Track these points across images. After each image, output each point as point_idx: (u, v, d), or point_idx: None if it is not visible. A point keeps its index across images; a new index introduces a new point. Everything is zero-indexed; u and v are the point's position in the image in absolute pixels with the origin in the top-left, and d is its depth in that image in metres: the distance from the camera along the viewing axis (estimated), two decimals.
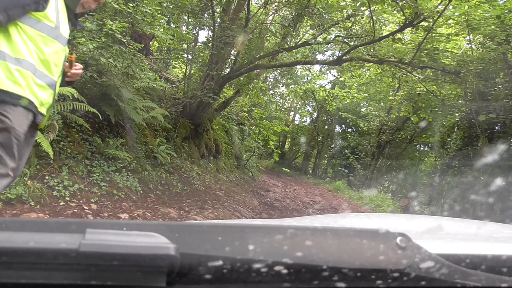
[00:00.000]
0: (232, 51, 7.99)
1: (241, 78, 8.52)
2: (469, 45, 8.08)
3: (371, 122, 18.81)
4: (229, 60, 8.34)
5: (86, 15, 5.74)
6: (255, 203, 7.79)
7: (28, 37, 1.84)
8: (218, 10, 7.86)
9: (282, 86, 19.23)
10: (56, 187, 3.99)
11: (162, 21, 7.11)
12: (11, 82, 1.79)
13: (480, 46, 8.52)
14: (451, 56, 7.78)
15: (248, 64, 7.92)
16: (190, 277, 0.46)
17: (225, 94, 10.03)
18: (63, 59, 2.04)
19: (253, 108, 12.63)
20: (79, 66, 2.14)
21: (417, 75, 8.65)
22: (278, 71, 14.37)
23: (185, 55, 9.42)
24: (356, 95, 15.59)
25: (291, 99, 22.07)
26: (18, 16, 1.81)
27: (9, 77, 1.78)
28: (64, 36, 2.01)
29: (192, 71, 8.32)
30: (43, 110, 1.95)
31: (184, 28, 9.50)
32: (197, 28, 9.04)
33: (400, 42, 7.44)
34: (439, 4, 6.56)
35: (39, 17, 1.86)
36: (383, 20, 9.20)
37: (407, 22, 6.53)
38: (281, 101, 22.87)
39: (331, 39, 8.68)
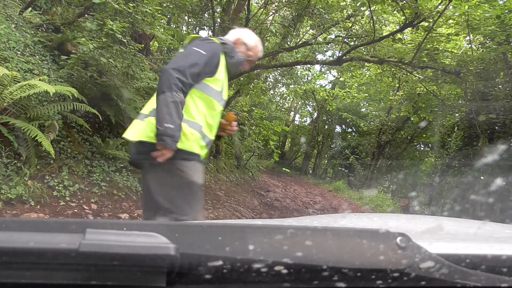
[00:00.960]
0: None
1: (241, 78, 8.51)
2: (469, 45, 8.08)
3: (371, 122, 18.80)
4: None
5: (86, 15, 5.75)
6: (255, 203, 7.79)
7: (199, 100, 1.93)
8: (218, 10, 7.87)
9: (282, 86, 19.24)
10: (56, 187, 3.99)
11: (162, 21, 7.10)
12: (186, 140, 1.88)
13: (480, 46, 8.52)
14: (451, 56, 7.78)
15: None
16: (190, 277, 0.46)
17: None
18: (219, 119, 2.12)
19: (253, 108, 12.63)
20: (235, 124, 2.25)
21: (417, 75, 8.65)
22: (278, 71, 14.38)
23: None
24: (356, 95, 15.59)
25: (291, 99, 22.08)
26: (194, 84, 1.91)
27: (186, 137, 1.88)
28: (224, 99, 2.09)
29: None
30: None
31: (184, 28, 9.50)
32: (198, 28, 9.04)
33: (400, 42, 7.44)
34: (439, 4, 6.56)
35: (209, 82, 1.95)
36: (383, 20, 9.21)
37: (407, 22, 6.52)
38: (281, 101, 22.88)
39: (331, 39, 8.68)
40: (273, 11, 9.78)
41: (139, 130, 1.92)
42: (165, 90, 1.78)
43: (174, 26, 9.04)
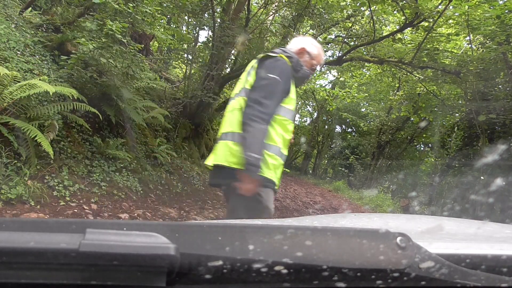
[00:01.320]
0: (233, 51, 7.99)
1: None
2: (469, 45, 8.08)
3: (371, 122, 18.80)
4: (230, 60, 8.34)
5: (86, 15, 5.75)
6: None
7: (276, 123, 1.95)
8: (218, 10, 7.86)
9: None
10: (56, 187, 3.99)
11: (162, 21, 7.11)
12: (266, 168, 1.91)
13: (480, 46, 8.52)
14: (451, 56, 7.78)
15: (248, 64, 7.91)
16: (190, 277, 0.46)
17: (225, 94, 10.03)
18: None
19: None
20: (292, 136, 2.23)
21: (417, 75, 8.66)
22: None
23: (185, 55, 9.43)
24: (356, 95, 15.58)
25: None
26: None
27: (267, 165, 1.91)
28: (295, 114, 2.10)
29: (192, 71, 8.32)
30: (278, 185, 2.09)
31: (184, 28, 9.50)
32: (197, 28, 9.04)
33: (400, 42, 7.44)
34: (439, 4, 6.56)
35: (284, 103, 1.96)
36: (383, 20, 9.21)
37: (407, 22, 6.53)
38: None
39: (331, 39, 8.68)
40: (273, 11, 9.78)
41: (217, 153, 1.98)
42: (249, 122, 1.83)
43: (174, 26, 9.04)
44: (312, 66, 2.16)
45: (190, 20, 8.62)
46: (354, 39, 8.09)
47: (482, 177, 8.73)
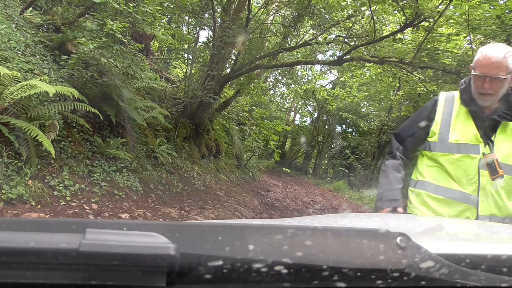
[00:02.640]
0: (233, 51, 7.99)
1: (242, 78, 8.52)
2: (470, 45, 8.07)
3: (372, 122, 18.79)
4: (230, 60, 8.34)
5: (87, 15, 5.75)
6: (255, 203, 7.79)
7: (426, 159, 2.04)
8: (218, 10, 7.86)
9: (283, 86, 19.24)
10: (57, 187, 4.00)
11: (162, 21, 7.11)
12: (410, 204, 2.09)
13: (480, 46, 8.50)
14: (452, 56, 7.77)
15: (248, 64, 7.92)
16: (190, 277, 0.46)
17: (225, 94, 10.03)
18: (473, 167, 1.82)
19: (254, 108, 12.64)
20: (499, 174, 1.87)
21: (418, 75, 8.65)
22: (279, 71, 14.38)
23: (186, 55, 9.43)
24: (356, 95, 15.57)
25: (292, 99, 22.09)
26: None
27: (409, 201, 2.09)
28: (459, 143, 1.86)
29: (193, 71, 8.32)
30: None
31: (184, 28, 9.50)
32: (198, 28, 9.04)
33: (400, 42, 7.44)
34: (440, 4, 6.56)
35: (429, 138, 2.00)
36: (383, 20, 9.20)
37: (408, 22, 6.53)
38: (281, 101, 22.87)
39: (332, 39, 8.68)
40: (274, 11, 9.78)
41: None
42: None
43: (174, 26, 9.04)
44: (476, 77, 1.74)
45: (190, 20, 8.62)
46: (355, 39, 8.08)
47: None
